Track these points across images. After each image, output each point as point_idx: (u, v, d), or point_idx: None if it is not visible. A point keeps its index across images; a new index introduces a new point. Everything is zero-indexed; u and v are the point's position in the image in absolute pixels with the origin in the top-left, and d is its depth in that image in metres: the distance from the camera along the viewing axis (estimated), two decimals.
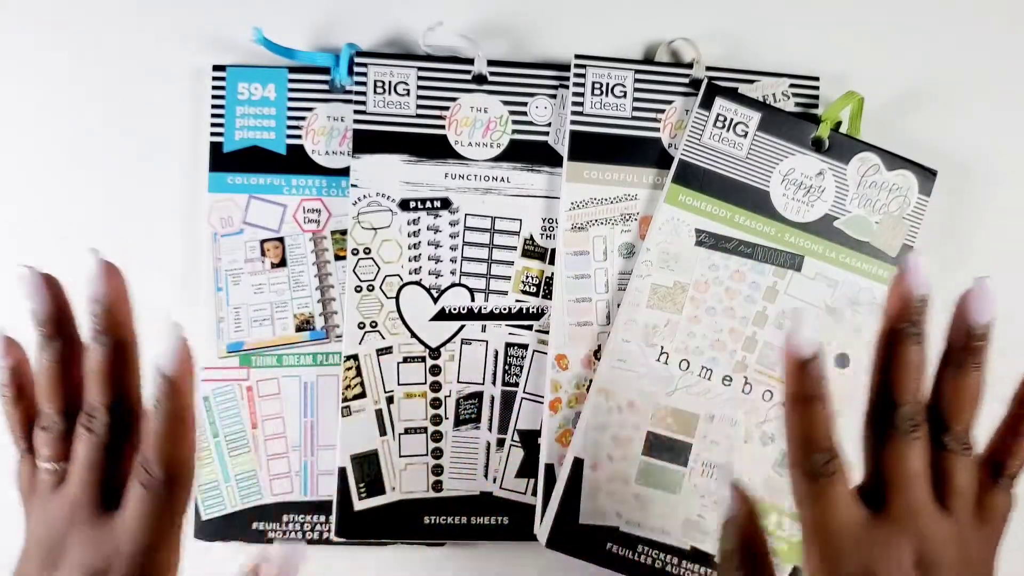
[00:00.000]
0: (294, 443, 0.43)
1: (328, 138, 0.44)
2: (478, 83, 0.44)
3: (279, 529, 0.43)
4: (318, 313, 0.44)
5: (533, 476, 0.43)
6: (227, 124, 0.44)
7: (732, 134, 0.43)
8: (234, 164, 0.44)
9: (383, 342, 0.43)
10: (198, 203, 0.44)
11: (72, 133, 0.44)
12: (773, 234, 0.43)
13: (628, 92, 0.44)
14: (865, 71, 0.45)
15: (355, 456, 0.42)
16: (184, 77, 0.44)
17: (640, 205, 0.44)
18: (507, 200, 0.44)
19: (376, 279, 0.43)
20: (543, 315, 0.44)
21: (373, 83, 0.43)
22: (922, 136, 0.46)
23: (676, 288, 0.43)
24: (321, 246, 0.44)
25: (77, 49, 0.44)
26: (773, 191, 0.43)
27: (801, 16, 0.46)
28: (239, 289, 0.43)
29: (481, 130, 0.44)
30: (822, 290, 0.43)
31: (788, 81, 0.44)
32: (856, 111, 0.43)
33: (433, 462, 0.43)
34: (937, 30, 0.46)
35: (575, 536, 0.42)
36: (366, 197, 0.43)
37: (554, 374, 0.43)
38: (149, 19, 0.45)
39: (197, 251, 0.44)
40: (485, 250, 0.44)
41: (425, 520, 0.43)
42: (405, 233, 0.43)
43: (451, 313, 0.43)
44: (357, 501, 0.42)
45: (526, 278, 0.44)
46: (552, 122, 0.44)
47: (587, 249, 0.43)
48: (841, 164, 0.43)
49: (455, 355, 0.43)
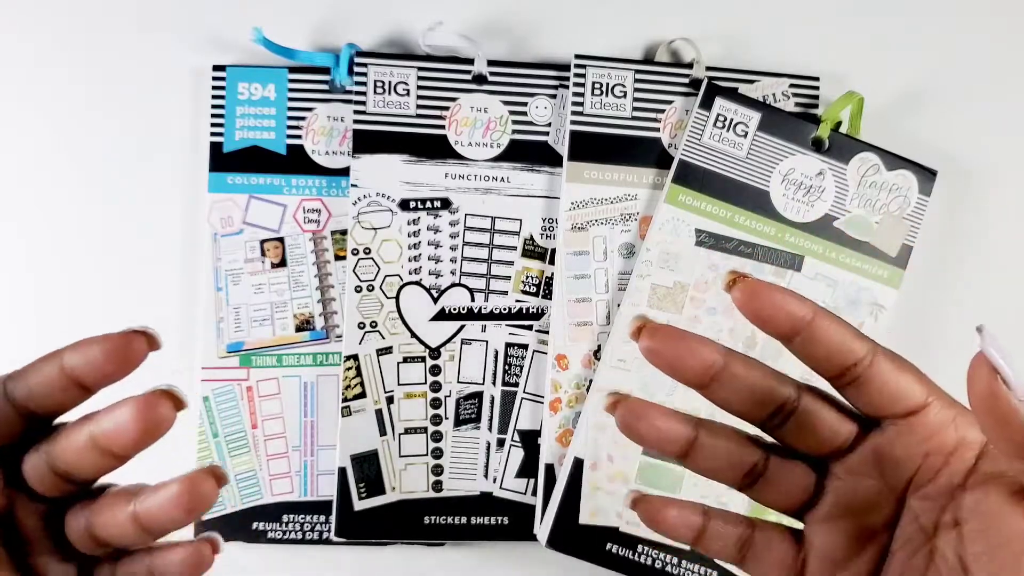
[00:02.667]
0: (294, 443, 0.43)
1: (328, 138, 0.44)
2: (478, 83, 0.44)
3: (279, 529, 0.43)
4: (318, 313, 0.44)
5: (533, 476, 0.43)
6: (227, 124, 0.44)
7: (732, 134, 0.43)
8: (234, 164, 0.44)
9: (383, 342, 0.43)
10: (198, 203, 0.44)
11: (72, 133, 0.44)
12: (773, 234, 0.43)
13: (628, 92, 0.44)
14: (865, 71, 0.45)
15: (355, 456, 0.42)
16: (184, 77, 0.44)
17: (640, 205, 0.44)
18: (507, 200, 0.44)
19: (376, 279, 0.43)
20: (543, 315, 0.44)
21: (373, 83, 0.43)
22: (922, 136, 0.46)
23: (676, 288, 0.43)
24: (321, 246, 0.44)
25: (77, 49, 0.44)
26: (773, 191, 0.43)
27: (801, 16, 0.46)
28: (239, 289, 0.43)
29: (481, 130, 0.44)
30: (822, 290, 0.43)
31: (788, 81, 0.44)
32: (856, 111, 0.43)
33: (433, 462, 0.43)
34: (937, 30, 0.46)
35: (575, 536, 0.42)
36: (366, 197, 0.43)
37: (554, 374, 0.43)
38: (149, 19, 0.45)
39: (197, 251, 0.44)
40: (485, 250, 0.44)
41: (425, 520, 0.43)
42: (405, 233, 0.43)
43: (451, 313, 0.43)
44: (357, 501, 0.42)
45: (526, 278, 0.44)
46: (552, 122, 0.44)
47: (587, 249, 0.43)
48: (841, 164, 0.43)
49: (455, 355, 0.43)
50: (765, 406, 0.25)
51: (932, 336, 0.46)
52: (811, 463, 0.26)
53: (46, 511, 0.25)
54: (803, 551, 0.26)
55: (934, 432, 0.24)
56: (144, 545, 0.25)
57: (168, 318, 0.44)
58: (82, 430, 0.23)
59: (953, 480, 0.23)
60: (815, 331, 0.23)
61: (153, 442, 0.23)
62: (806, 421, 0.25)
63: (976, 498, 0.23)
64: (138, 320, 0.24)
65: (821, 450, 0.25)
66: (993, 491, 0.22)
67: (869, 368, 0.24)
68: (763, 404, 0.25)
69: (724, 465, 0.25)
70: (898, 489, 0.24)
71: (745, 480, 0.26)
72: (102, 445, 0.23)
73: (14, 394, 0.23)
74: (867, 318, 0.43)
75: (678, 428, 0.25)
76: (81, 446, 0.23)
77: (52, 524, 0.25)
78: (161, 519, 0.23)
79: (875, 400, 0.24)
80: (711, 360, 0.24)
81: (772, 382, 0.25)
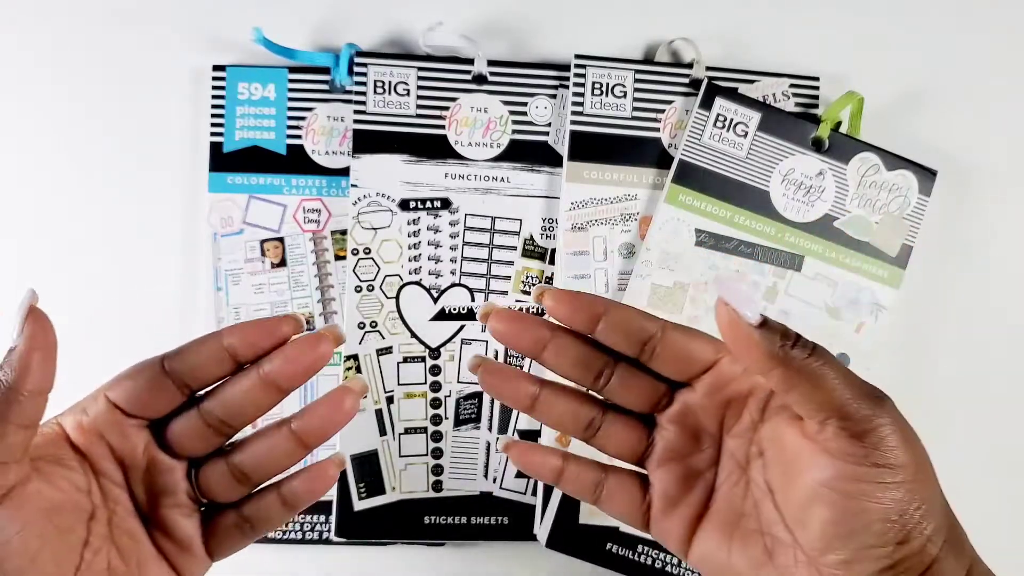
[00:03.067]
0: None
1: (328, 138, 0.44)
2: (478, 83, 0.44)
3: (279, 529, 0.43)
4: (318, 313, 0.44)
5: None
6: (227, 124, 0.44)
7: (732, 134, 0.43)
8: (234, 164, 0.44)
9: (383, 342, 0.43)
10: (198, 203, 0.44)
11: (72, 133, 0.44)
12: (773, 234, 0.43)
13: (628, 92, 0.44)
14: (865, 71, 0.45)
15: (355, 456, 0.42)
16: (184, 77, 0.44)
17: (640, 205, 0.44)
18: (507, 200, 0.44)
19: (376, 279, 0.43)
20: (543, 315, 0.44)
21: (373, 83, 0.43)
22: (922, 136, 0.46)
23: (676, 288, 0.43)
24: (321, 246, 0.44)
25: (77, 49, 0.44)
26: (773, 191, 0.43)
27: (801, 16, 0.46)
28: (239, 289, 0.43)
29: (481, 130, 0.44)
30: (822, 290, 0.43)
31: (788, 81, 0.44)
32: (856, 111, 0.43)
33: (433, 462, 0.43)
34: (937, 30, 0.46)
35: (575, 536, 0.42)
36: (366, 197, 0.43)
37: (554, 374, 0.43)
38: (149, 19, 0.45)
39: (197, 251, 0.44)
40: (485, 250, 0.44)
41: (425, 520, 0.43)
42: (405, 233, 0.43)
43: (451, 313, 0.43)
44: (357, 501, 0.42)
45: (526, 278, 0.44)
46: (552, 122, 0.44)
47: (587, 249, 0.43)
48: (841, 164, 0.43)
49: (455, 355, 0.43)
50: (588, 371, 0.30)
51: (932, 336, 0.46)
52: (640, 418, 0.31)
53: (184, 469, 0.29)
54: (648, 492, 0.30)
55: (728, 381, 0.29)
56: (295, 462, 0.29)
57: (168, 318, 0.44)
58: (250, 372, 0.28)
59: (753, 418, 0.28)
60: (611, 318, 0.28)
61: (315, 375, 0.29)
62: (623, 384, 0.30)
63: (769, 428, 0.28)
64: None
65: (643, 407, 0.30)
66: (780, 420, 0.27)
67: (662, 340, 0.28)
68: (586, 369, 0.30)
69: (566, 418, 0.30)
70: (713, 433, 0.29)
71: (587, 432, 0.31)
72: (271, 380, 0.28)
73: (173, 367, 0.28)
74: (867, 318, 0.43)
75: (525, 386, 0.30)
76: (250, 385, 0.28)
77: (186, 480, 0.29)
78: (316, 419, 0.29)
79: (673, 365, 0.29)
80: (541, 334, 0.29)
81: (591, 353, 0.30)
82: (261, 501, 0.30)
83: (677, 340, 0.29)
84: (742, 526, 0.28)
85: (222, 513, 0.30)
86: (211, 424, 0.28)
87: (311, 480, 0.30)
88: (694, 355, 0.29)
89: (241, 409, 0.28)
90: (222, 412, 0.28)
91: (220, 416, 0.28)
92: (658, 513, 0.30)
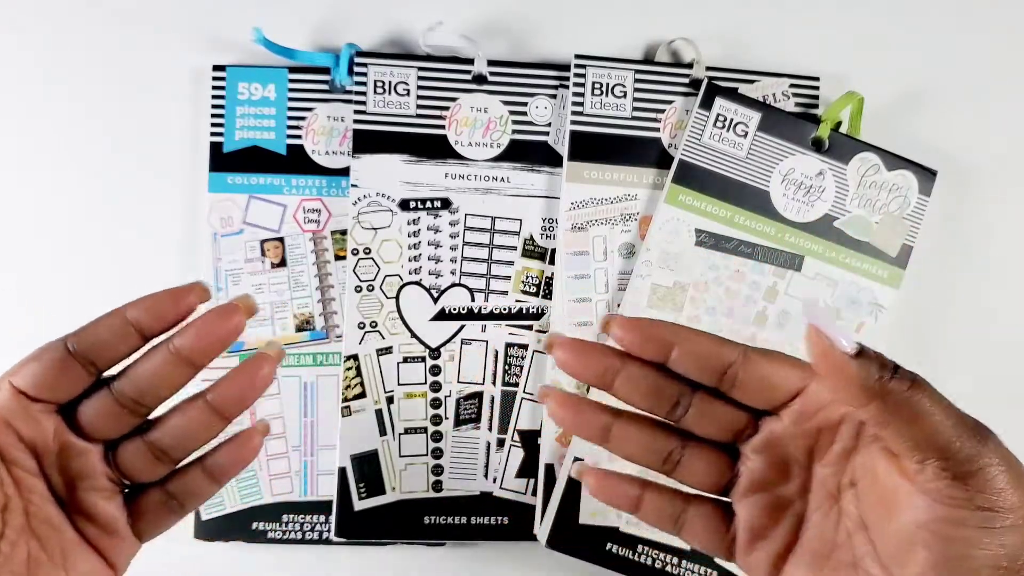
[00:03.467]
0: (294, 443, 0.43)
1: (328, 138, 0.44)
2: (478, 83, 0.44)
3: (279, 529, 0.43)
4: (318, 313, 0.44)
5: (533, 476, 0.43)
6: (227, 124, 0.44)
7: (732, 134, 0.43)
8: (234, 164, 0.44)
9: (383, 342, 0.43)
10: (198, 203, 0.44)
11: (72, 133, 0.44)
12: (773, 234, 0.43)
13: (628, 92, 0.44)
14: (865, 71, 0.45)
15: (355, 456, 0.42)
16: (184, 77, 0.44)
17: (640, 205, 0.44)
18: (507, 200, 0.44)
19: (376, 279, 0.43)
20: (543, 315, 0.44)
21: (373, 83, 0.43)
22: (922, 136, 0.46)
23: (676, 288, 0.43)
24: (321, 246, 0.44)
25: (77, 49, 0.44)
26: (773, 191, 0.43)
27: (801, 16, 0.46)
28: (239, 289, 0.43)
29: (481, 130, 0.44)
30: (822, 290, 0.43)
31: (788, 81, 0.44)
32: (856, 111, 0.43)
33: (433, 462, 0.43)
34: (937, 30, 0.46)
35: (575, 536, 0.42)
36: (366, 197, 0.43)
37: (554, 374, 0.43)
38: (149, 19, 0.45)
39: (197, 251, 0.44)
40: (485, 250, 0.44)
41: (425, 520, 0.43)
42: (405, 233, 0.43)
43: (451, 313, 0.43)
44: (357, 501, 0.42)
45: (526, 278, 0.44)
46: (552, 122, 0.44)
47: (587, 249, 0.43)
48: (841, 164, 0.43)
49: (455, 355, 0.43)
50: (663, 401, 0.28)
51: (932, 336, 0.46)
52: (722, 448, 0.29)
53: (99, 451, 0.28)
54: (733, 523, 0.29)
55: (818, 409, 0.27)
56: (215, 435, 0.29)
57: None
58: (160, 348, 0.27)
59: (846, 446, 0.27)
60: (685, 347, 0.27)
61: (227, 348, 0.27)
62: (702, 414, 0.28)
63: (863, 459, 0.26)
64: None
65: (725, 438, 0.28)
66: (873, 450, 0.25)
67: (743, 367, 0.27)
68: (661, 399, 0.28)
69: (642, 452, 0.29)
70: (803, 462, 0.28)
71: (666, 466, 0.29)
72: (183, 355, 0.27)
73: (77, 347, 0.27)
74: (867, 318, 0.43)
75: (598, 418, 0.28)
76: (161, 361, 0.27)
77: (103, 463, 0.28)
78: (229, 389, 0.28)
79: (758, 394, 0.27)
80: (610, 364, 0.28)
81: (665, 382, 0.28)
82: (186, 477, 0.29)
83: (760, 367, 0.27)
84: (834, 558, 0.27)
85: (147, 492, 0.29)
86: (124, 404, 0.28)
87: (235, 450, 0.29)
88: (780, 383, 0.27)
89: (153, 387, 0.27)
90: (134, 391, 0.28)
91: (132, 395, 0.28)
92: (744, 545, 0.28)
